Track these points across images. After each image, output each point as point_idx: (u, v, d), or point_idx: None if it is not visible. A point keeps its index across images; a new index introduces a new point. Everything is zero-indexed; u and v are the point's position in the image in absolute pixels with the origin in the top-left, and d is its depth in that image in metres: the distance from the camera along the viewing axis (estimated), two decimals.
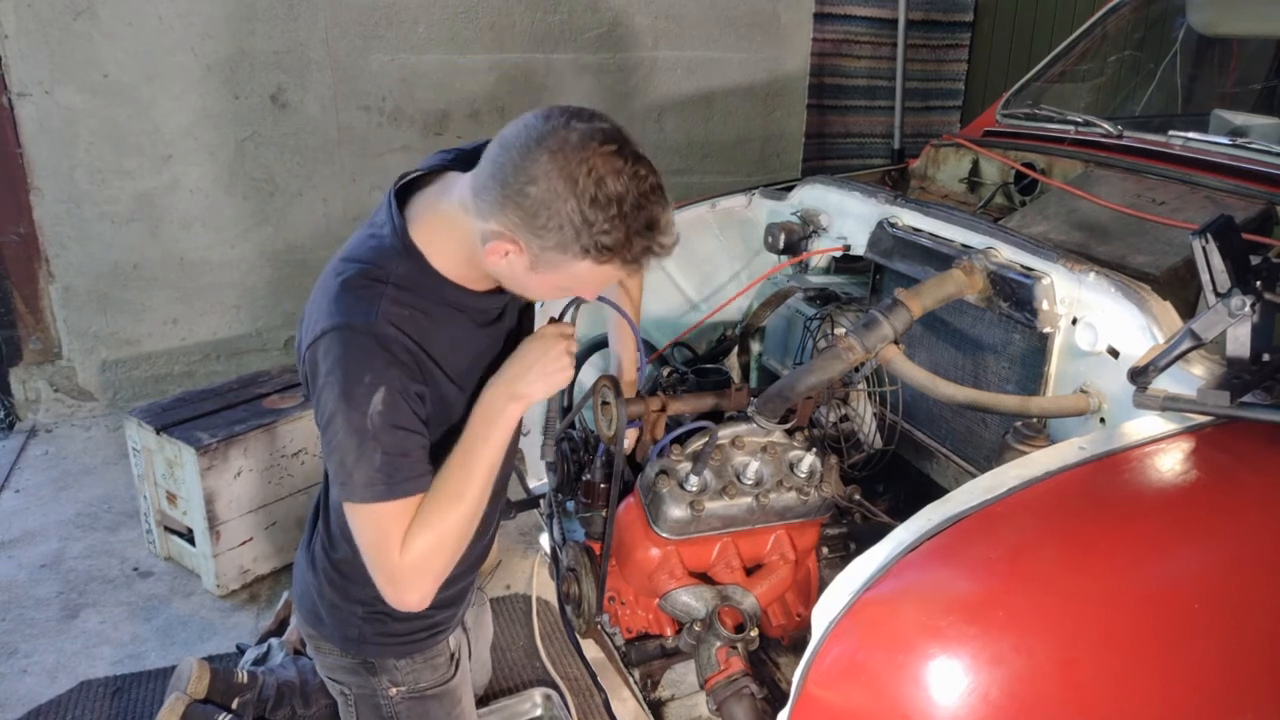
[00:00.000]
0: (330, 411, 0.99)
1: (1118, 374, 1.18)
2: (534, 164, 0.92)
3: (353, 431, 0.98)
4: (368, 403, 0.97)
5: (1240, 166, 1.52)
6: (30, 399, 3.12)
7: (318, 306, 1.02)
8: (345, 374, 0.98)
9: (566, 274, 0.98)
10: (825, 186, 1.84)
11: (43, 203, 2.93)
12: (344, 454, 0.99)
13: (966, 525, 0.91)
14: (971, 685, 0.81)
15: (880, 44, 3.84)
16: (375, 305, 0.99)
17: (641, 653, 1.47)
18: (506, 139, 0.95)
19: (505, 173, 0.94)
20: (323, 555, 1.20)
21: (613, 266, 0.96)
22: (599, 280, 1.01)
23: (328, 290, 1.02)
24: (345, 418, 0.98)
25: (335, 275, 1.03)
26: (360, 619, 1.19)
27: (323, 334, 0.99)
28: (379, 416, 0.98)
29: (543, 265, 0.97)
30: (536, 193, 0.92)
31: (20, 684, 1.95)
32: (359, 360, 0.98)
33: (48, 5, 2.76)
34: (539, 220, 0.92)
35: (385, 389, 0.98)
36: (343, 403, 0.98)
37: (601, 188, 0.91)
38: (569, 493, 1.57)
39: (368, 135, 3.24)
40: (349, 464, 0.99)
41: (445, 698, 1.26)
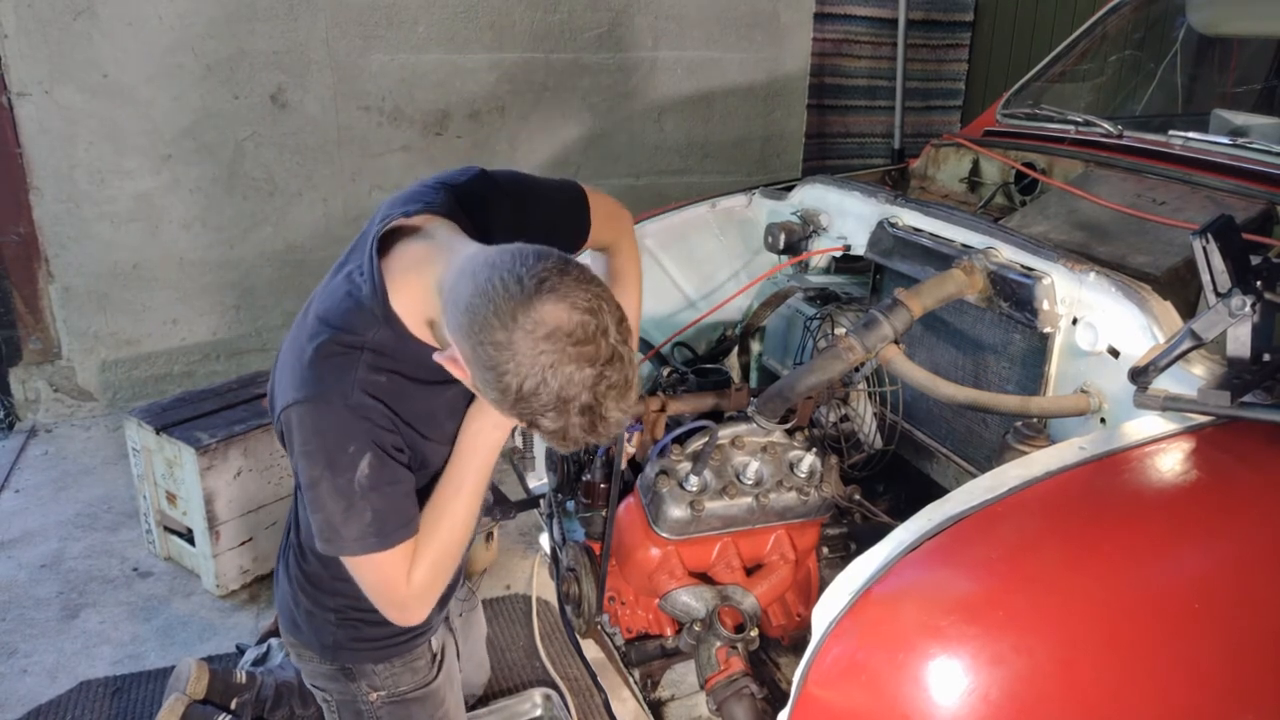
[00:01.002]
0: (314, 478, 0.98)
1: (1118, 374, 1.18)
2: (502, 332, 0.85)
3: (340, 496, 0.98)
4: (354, 470, 0.97)
5: (1240, 166, 1.52)
6: (30, 399, 3.12)
7: (291, 369, 1.00)
8: (325, 446, 0.97)
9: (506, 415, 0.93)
10: (825, 186, 1.84)
11: (42, 203, 2.93)
12: (329, 515, 0.99)
13: (967, 525, 0.91)
14: (972, 685, 0.81)
15: (880, 44, 3.84)
16: (351, 374, 0.97)
17: (641, 653, 1.47)
18: (481, 280, 0.88)
19: (475, 320, 0.87)
20: (295, 565, 1.20)
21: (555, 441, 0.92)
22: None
23: (301, 354, 0.99)
24: (331, 484, 0.98)
25: (309, 338, 0.99)
26: (334, 625, 1.19)
27: (295, 403, 0.97)
28: (366, 480, 0.98)
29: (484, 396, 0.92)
30: (497, 357, 0.86)
31: (20, 684, 1.95)
32: (339, 433, 0.97)
33: (47, 5, 2.76)
34: (490, 375, 0.87)
35: (370, 454, 0.98)
36: (327, 471, 0.98)
37: (560, 388, 0.86)
38: (569, 493, 1.57)
39: (368, 135, 3.24)
40: (335, 523, 0.99)
41: (428, 700, 1.26)
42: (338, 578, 1.15)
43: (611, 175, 3.62)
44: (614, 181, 3.63)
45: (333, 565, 1.15)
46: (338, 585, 1.16)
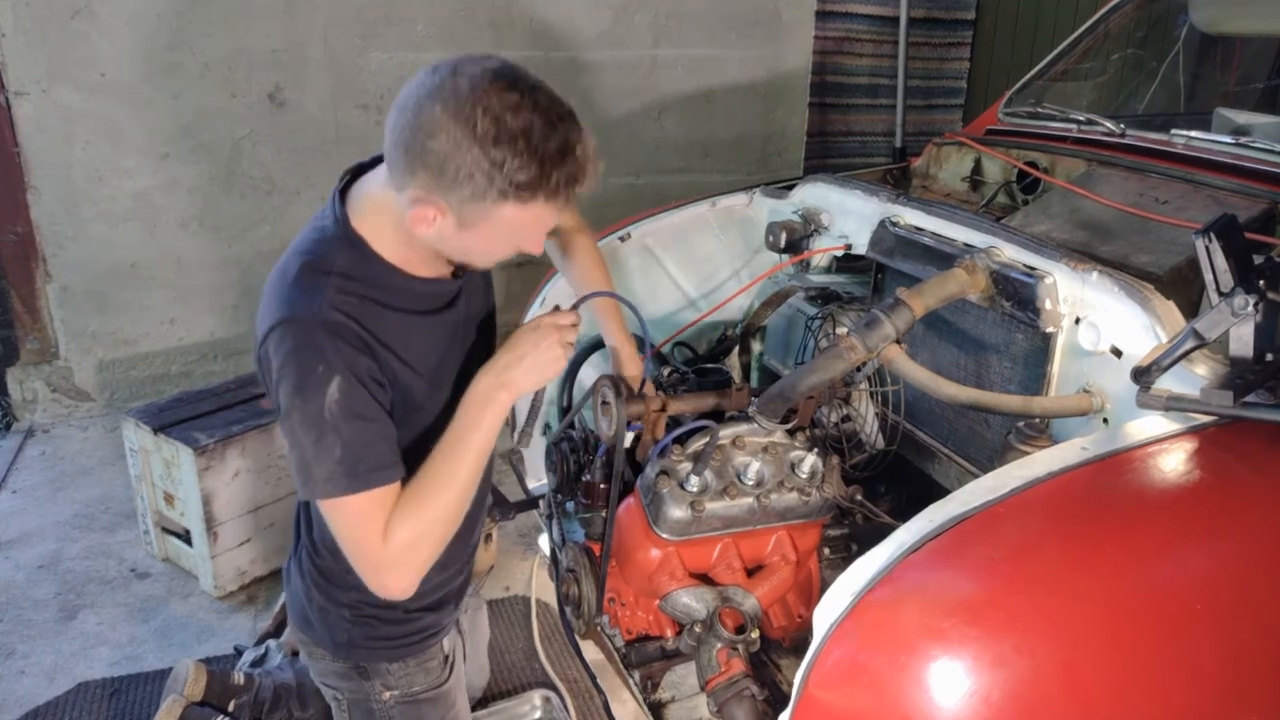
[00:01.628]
0: (287, 408, 0.97)
1: (1121, 374, 1.17)
2: (430, 119, 0.89)
3: (310, 425, 0.95)
4: (323, 393, 0.95)
5: (1243, 165, 1.51)
6: (27, 399, 3.12)
7: (266, 303, 1.01)
8: (297, 366, 0.96)
9: (496, 223, 0.95)
10: (827, 185, 1.83)
11: (40, 202, 2.92)
12: (302, 450, 0.96)
13: (969, 526, 0.91)
14: (973, 687, 0.81)
15: (882, 42, 3.83)
16: (320, 295, 0.98)
17: (642, 654, 1.46)
18: (400, 102, 0.94)
19: (405, 136, 0.92)
20: (308, 561, 1.19)
21: (539, 205, 0.94)
22: (531, 225, 0.98)
23: (274, 286, 1.01)
24: (301, 411, 0.95)
25: (281, 273, 1.02)
26: (349, 623, 1.18)
27: (271, 329, 0.98)
28: (336, 406, 0.95)
29: (468, 220, 0.95)
30: (438, 147, 0.89)
31: (18, 685, 1.95)
32: (310, 351, 0.96)
33: (45, 4, 2.75)
34: (447, 175, 0.90)
35: (340, 377, 0.96)
36: (297, 397, 0.95)
37: (502, 126, 0.89)
38: (569, 493, 1.56)
39: (366, 134, 3.23)
40: (308, 459, 0.96)
41: (439, 701, 1.26)
42: (352, 571, 1.14)
43: (611, 174, 3.61)
44: (614, 180, 3.62)
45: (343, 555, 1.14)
46: (351, 579, 1.14)
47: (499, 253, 1.03)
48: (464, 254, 1.04)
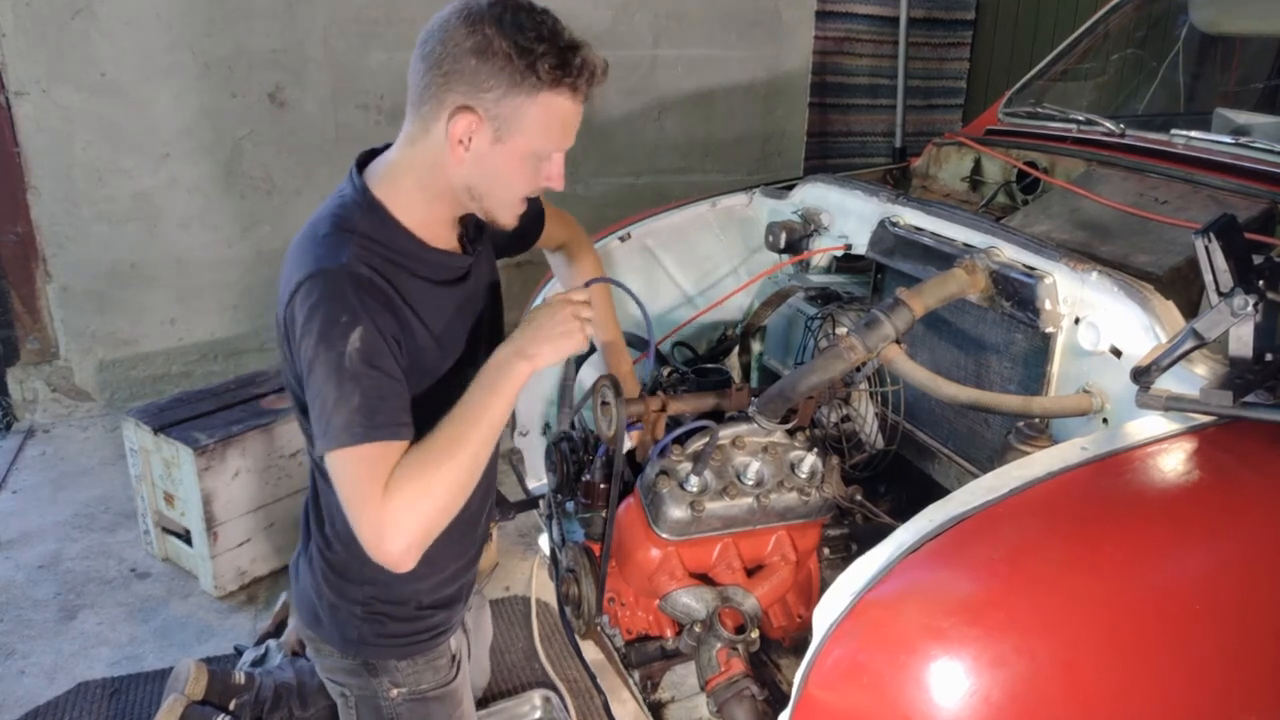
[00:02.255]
0: (310, 358, 0.99)
1: (1120, 374, 1.17)
2: (457, 33, 1.00)
3: (331, 372, 0.97)
4: (345, 341, 0.97)
5: (1243, 166, 1.51)
6: (28, 399, 3.12)
7: (290, 264, 1.04)
8: (324, 315, 0.98)
9: (530, 125, 1.02)
10: (826, 185, 1.83)
11: (40, 202, 2.92)
12: (324, 399, 0.98)
13: (968, 526, 0.91)
14: (973, 687, 0.81)
15: (882, 42, 3.83)
16: (346, 250, 1.01)
17: (641, 654, 1.46)
18: (423, 39, 1.04)
19: (435, 59, 1.01)
20: (319, 557, 1.19)
21: (565, 98, 1.03)
22: (560, 122, 1.04)
23: (299, 247, 1.05)
24: (324, 359, 0.98)
25: (305, 236, 1.06)
26: (359, 619, 1.18)
27: (299, 285, 1.00)
28: (356, 354, 0.97)
29: (505, 126, 1.01)
30: (470, 48, 0.99)
31: (18, 685, 1.95)
32: (336, 300, 0.98)
33: (45, 4, 2.75)
34: (483, 72, 0.99)
35: (362, 327, 0.98)
36: (321, 345, 0.98)
37: (523, 24, 1.00)
38: (569, 493, 1.56)
39: (366, 134, 3.23)
40: (329, 408, 0.97)
41: (447, 699, 1.26)
42: (367, 564, 1.14)
43: (611, 174, 3.62)
44: (614, 180, 3.63)
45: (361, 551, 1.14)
46: (366, 573, 1.15)
47: (525, 177, 1.07)
48: (492, 185, 1.06)
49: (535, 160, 1.08)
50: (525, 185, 1.10)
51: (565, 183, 1.13)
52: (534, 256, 3.51)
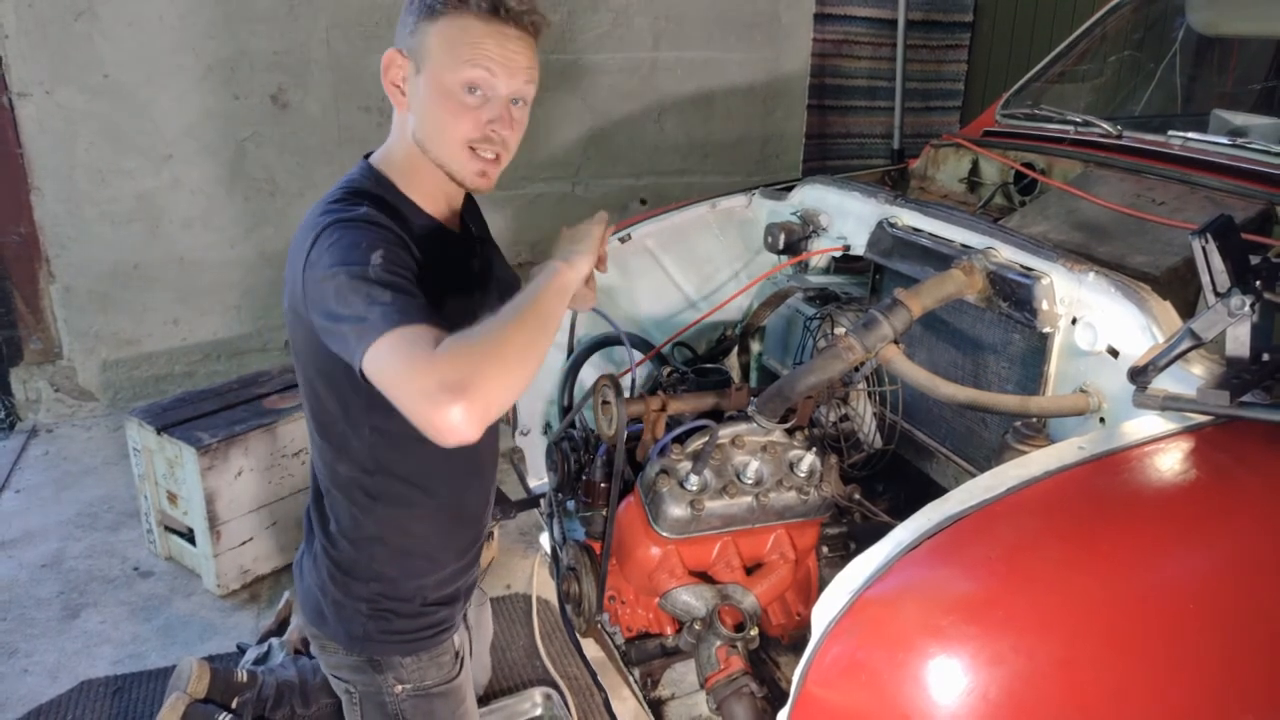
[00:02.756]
0: (335, 283, 0.94)
1: (1117, 374, 1.18)
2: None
3: (356, 282, 0.93)
4: (366, 261, 0.96)
5: (1240, 166, 1.52)
6: (31, 399, 3.13)
7: (302, 233, 1.04)
8: (343, 248, 0.97)
9: (435, 48, 1.05)
10: (825, 186, 1.84)
11: (43, 203, 2.93)
12: (353, 309, 0.92)
13: (966, 525, 0.91)
14: (971, 684, 0.81)
15: (880, 44, 3.84)
16: (361, 206, 1.03)
17: (642, 652, 1.47)
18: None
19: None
20: (324, 555, 1.20)
21: (470, 17, 1.05)
22: (467, 43, 1.04)
23: (308, 219, 1.06)
24: (346, 274, 0.94)
25: (312, 211, 1.07)
26: (365, 616, 1.19)
27: (316, 238, 1.00)
28: (379, 268, 0.95)
29: (418, 55, 1.07)
30: (405, 7, 1.09)
31: (21, 684, 1.96)
32: (352, 236, 0.98)
33: (48, 5, 2.76)
34: (406, 16, 1.09)
35: (384, 249, 0.97)
36: (341, 267, 0.95)
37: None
38: (569, 492, 1.57)
39: (368, 135, 3.24)
40: (360, 312, 0.92)
41: (450, 696, 1.27)
42: (374, 560, 1.15)
43: (611, 175, 3.62)
44: (614, 181, 3.63)
45: (367, 548, 1.15)
46: (373, 569, 1.16)
47: (453, 113, 1.06)
48: (429, 129, 1.09)
49: (459, 93, 1.06)
50: (456, 124, 1.07)
51: (566, 184, 1.14)
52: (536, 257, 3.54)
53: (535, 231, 3.52)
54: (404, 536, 1.17)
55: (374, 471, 1.13)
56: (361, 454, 1.13)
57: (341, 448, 1.13)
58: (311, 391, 1.13)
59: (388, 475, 1.14)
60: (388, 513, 1.15)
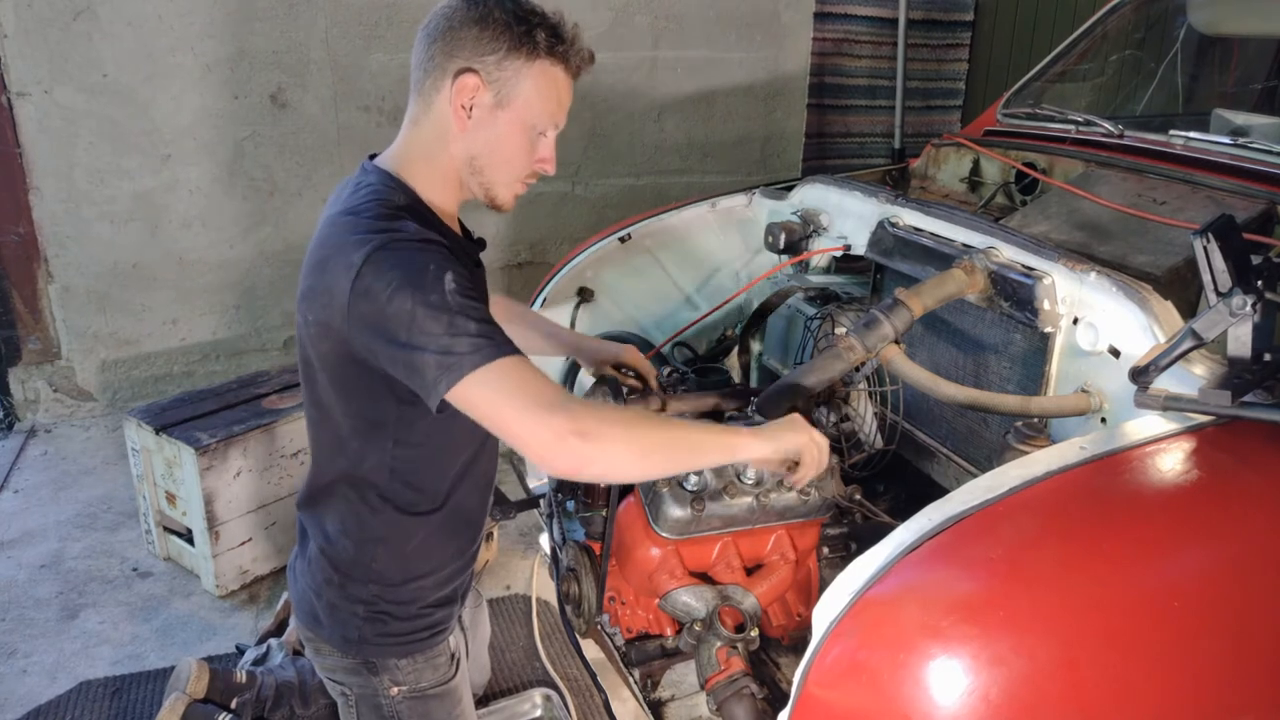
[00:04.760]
0: (409, 312, 0.94)
1: (1119, 374, 1.18)
2: (458, 12, 1.06)
3: (438, 314, 0.94)
4: (441, 285, 0.96)
5: (1241, 166, 1.51)
6: (29, 399, 3.12)
7: (338, 252, 1.00)
8: (410, 272, 0.96)
9: (528, 91, 1.07)
10: (826, 186, 1.84)
11: (42, 202, 2.93)
12: (436, 340, 0.94)
13: (967, 525, 0.91)
14: (972, 685, 0.81)
15: (881, 43, 3.84)
16: (404, 223, 1.02)
17: (642, 653, 1.47)
18: (424, 28, 1.09)
19: (439, 34, 1.06)
20: (320, 556, 1.19)
21: (561, 72, 1.10)
22: (555, 94, 1.10)
23: (346, 229, 1.01)
24: (425, 306, 0.94)
25: (344, 226, 1.02)
26: (361, 620, 1.18)
27: (368, 258, 0.97)
28: (457, 293, 0.96)
29: (505, 90, 1.06)
30: (471, 19, 1.05)
31: (20, 684, 1.95)
32: (418, 257, 0.97)
33: (47, 5, 2.76)
34: (485, 37, 1.04)
35: (452, 272, 0.97)
36: (417, 294, 0.94)
37: (517, 1, 1.07)
38: (569, 493, 1.57)
39: (367, 135, 3.24)
40: (445, 344, 0.94)
41: (447, 697, 1.26)
42: (375, 560, 1.15)
43: (611, 175, 3.62)
44: (614, 181, 3.63)
45: (370, 549, 1.15)
46: (375, 569, 1.15)
47: (524, 151, 1.11)
48: (493, 156, 1.09)
49: (533, 134, 1.11)
50: (523, 161, 1.12)
51: (566, 184, 1.15)
52: (536, 257, 3.52)
53: (535, 231, 3.52)
54: (407, 539, 1.17)
55: (390, 478, 1.13)
56: (379, 462, 1.12)
57: (358, 457, 1.12)
58: (330, 401, 1.11)
59: (402, 482, 1.14)
60: (396, 516, 1.15)
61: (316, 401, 1.13)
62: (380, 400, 1.06)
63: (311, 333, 1.06)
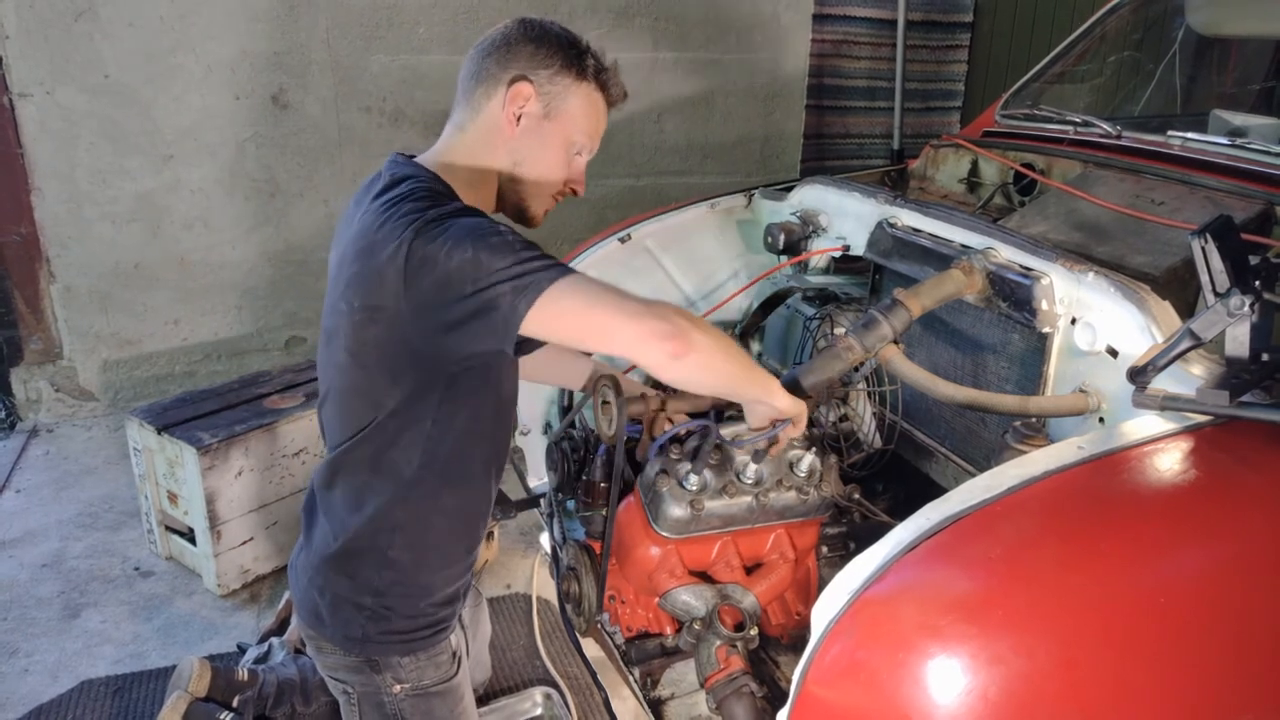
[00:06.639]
0: (470, 258, 0.96)
1: (1117, 374, 1.18)
2: (513, 31, 1.15)
3: (502, 250, 0.96)
4: (498, 229, 0.99)
5: (1239, 167, 1.52)
6: (32, 399, 3.13)
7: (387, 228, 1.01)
8: (462, 230, 0.98)
9: (574, 109, 1.15)
10: (825, 187, 1.84)
11: (44, 203, 2.94)
12: (505, 270, 0.95)
13: (965, 524, 0.91)
14: (970, 684, 0.81)
15: (879, 45, 3.84)
16: (451, 201, 1.06)
17: (641, 651, 1.47)
18: (477, 47, 1.17)
19: (494, 48, 1.14)
20: (324, 548, 1.19)
21: (601, 99, 1.17)
22: (596, 118, 1.17)
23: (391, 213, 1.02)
24: (486, 247, 0.96)
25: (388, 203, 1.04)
26: (365, 617, 1.18)
27: (419, 231, 0.98)
28: (514, 234, 1.00)
29: (554, 103, 1.14)
30: (528, 38, 1.14)
31: (21, 683, 1.96)
32: (467, 221, 1.00)
33: (49, 5, 2.77)
34: (540, 53, 1.13)
35: (502, 226, 1.02)
36: (477, 242, 0.97)
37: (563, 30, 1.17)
38: (569, 492, 1.57)
39: (368, 136, 3.25)
40: (516, 270, 0.96)
41: (449, 695, 1.27)
42: (390, 548, 1.15)
43: (611, 175, 3.63)
44: (614, 182, 3.64)
45: (387, 536, 1.15)
46: (390, 556, 1.15)
47: (561, 166, 1.17)
48: (534, 165, 1.14)
49: (571, 151, 1.17)
50: (559, 175, 1.18)
51: None
52: None
53: (535, 233, 3.48)
54: (426, 528, 1.17)
55: (420, 464, 1.13)
56: (412, 446, 1.12)
57: (391, 441, 1.12)
58: (370, 386, 1.10)
59: (431, 469, 1.14)
60: (418, 504, 1.15)
61: (352, 387, 1.12)
62: (428, 383, 1.08)
63: (357, 319, 1.06)
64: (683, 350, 0.98)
